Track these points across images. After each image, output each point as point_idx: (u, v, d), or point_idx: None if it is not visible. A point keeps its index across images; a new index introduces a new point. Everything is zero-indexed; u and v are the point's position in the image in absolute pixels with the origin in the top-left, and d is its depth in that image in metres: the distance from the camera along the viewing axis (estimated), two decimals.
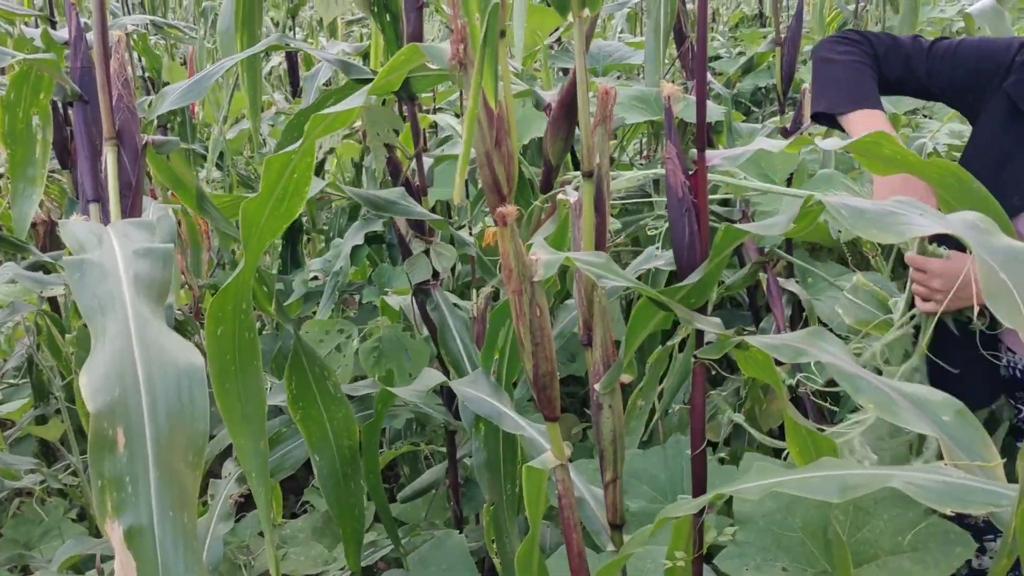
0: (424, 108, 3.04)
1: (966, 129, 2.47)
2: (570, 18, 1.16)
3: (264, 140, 3.78)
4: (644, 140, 3.84)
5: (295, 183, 1.18)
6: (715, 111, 2.78)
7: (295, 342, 1.80)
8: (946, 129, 3.01)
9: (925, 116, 5.11)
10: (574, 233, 1.24)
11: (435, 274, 2.23)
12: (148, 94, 3.86)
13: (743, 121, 3.83)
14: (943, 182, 1.13)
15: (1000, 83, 1.81)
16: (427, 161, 2.54)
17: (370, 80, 2.09)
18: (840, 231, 2.34)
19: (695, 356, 1.28)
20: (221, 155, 3.30)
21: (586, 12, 1.14)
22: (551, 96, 1.91)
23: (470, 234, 2.70)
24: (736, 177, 1.65)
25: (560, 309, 2.09)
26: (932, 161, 1.12)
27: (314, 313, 2.67)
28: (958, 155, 1.96)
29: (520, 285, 1.07)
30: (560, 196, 1.34)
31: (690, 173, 1.20)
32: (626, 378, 1.28)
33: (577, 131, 1.22)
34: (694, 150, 1.19)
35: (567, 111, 1.48)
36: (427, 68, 1.95)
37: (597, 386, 1.26)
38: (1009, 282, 0.85)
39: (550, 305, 1.80)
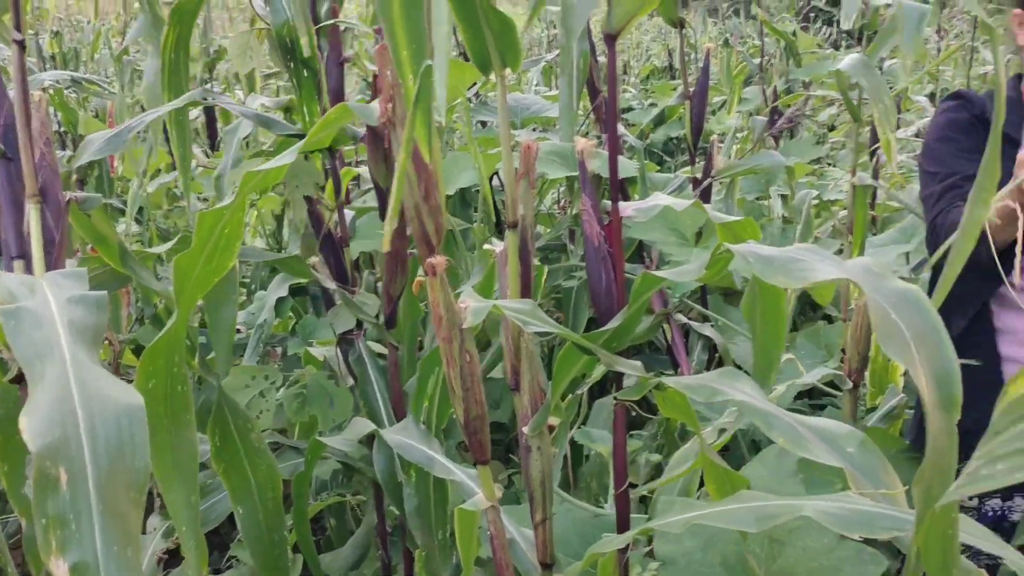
0: (347, 161, 3.07)
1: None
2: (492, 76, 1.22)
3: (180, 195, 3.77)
4: (562, 190, 3.93)
5: (226, 238, 1.20)
6: (628, 165, 2.87)
7: (218, 395, 1.81)
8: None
9: (830, 164, 5.34)
10: (501, 281, 1.29)
11: (358, 324, 2.26)
12: (64, 148, 3.83)
13: (657, 171, 3.96)
14: None
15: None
16: (349, 213, 2.57)
17: (292, 135, 2.13)
18: (745, 279, 2.45)
19: (616, 398, 1.33)
20: (140, 209, 3.28)
21: (507, 71, 1.21)
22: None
23: None
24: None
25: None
26: None
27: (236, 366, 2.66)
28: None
29: (450, 333, 1.12)
30: (486, 246, 1.39)
31: (605, 224, 1.27)
32: (553, 420, 1.32)
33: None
34: (609, 201, 1.26)
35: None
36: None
37: (526, 429, 1.31)
38: (900, 323, 0.92)
39: None
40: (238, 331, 2.90)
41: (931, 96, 6.06)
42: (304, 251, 2.33)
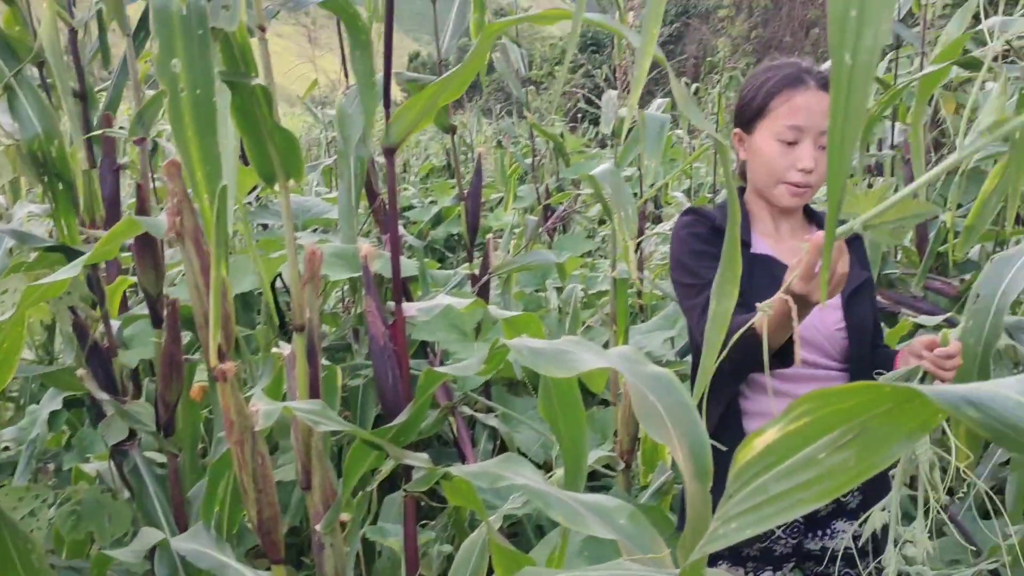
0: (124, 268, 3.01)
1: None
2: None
3: None
4: (346, 289, 3.97)
5: (5, 353, 1.19)
6: (409, 265, 2.96)
7: None
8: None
9: (602, 256, 5.65)
10: (290, 383, 1.34)
11: (132, 434, 2.21)
12: None
13: (438, 268, 4.09)
14: None
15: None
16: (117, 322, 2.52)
17: (52, 249, 2.09)
18: (526, 370, 2.58)
19: (405, 490, 1.39)
20: None
21: (291, 182, 1.28)
22: None
23: None
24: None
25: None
26: None
27: (4, 486, 2.52)
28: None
29: (242, 436, 1.15)
30: (274, 350, 1.43)
31: (389, 324, 1.34)
32: (345, 516, 1.37)
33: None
34: (392, 302, 1.34)
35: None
36: None
37: (318, 526, 1.34)
38: (657, 403, 1.05)
39: None
40: (6, 448, 2.75)
41: (687, 191, 6.55)
42: (77, 361, 2.26)
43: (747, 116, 2.04)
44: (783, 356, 1.96)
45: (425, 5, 3.09)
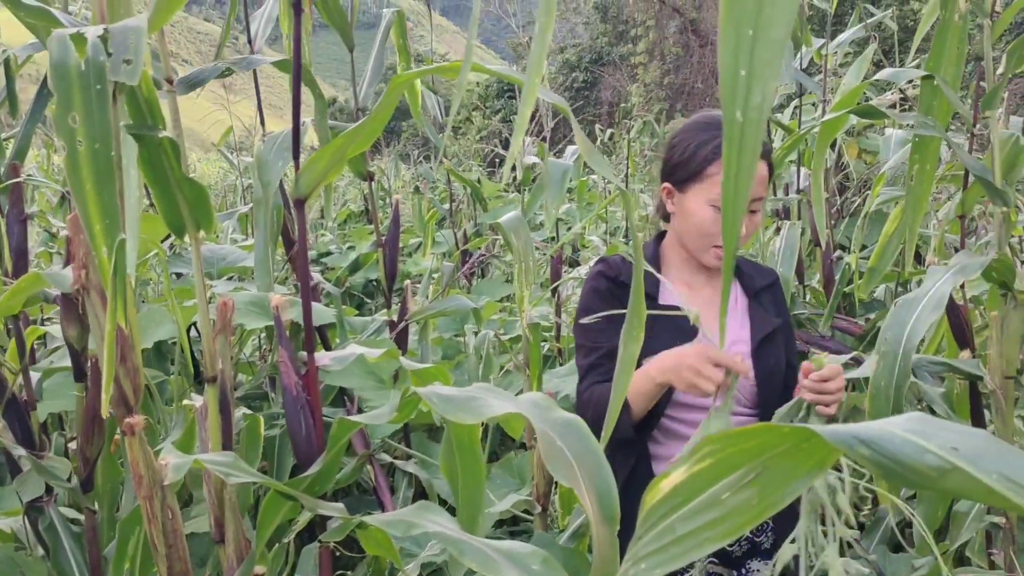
0: (31, 319, 2.94)
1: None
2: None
3: None
4: (263, 337, 3.93)
5: None
6: (324, 313, 2.94)
7: None
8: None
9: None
10: (201, 435, 1.32)
11: (48, 490, 2.15)
12: None
13: (356, 314, 4.07)
14: None
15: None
16: (36, 374, 2.46)
17: None
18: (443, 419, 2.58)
19: (320, 540, 1.38)
20: None
21: (201, 234, 1.27)
22: None
23: None
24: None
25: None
26: None
27: None
28: None
29: (151, 491, 1.13)
30: (185, 401, 1.42)
31: (303, 373, 1.34)
32: (260, 569, 1.35)
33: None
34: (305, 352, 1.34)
35: None
36: None
37: None
38: (565, 448, 1.06)
39: None
40: None
41: (603, 235, 6.64)
42: None
43: (680, 176, 2.06)
44: (650, 423, 2.01)
45: (343, 51, 3.10)
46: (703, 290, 2.14)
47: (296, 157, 1.32)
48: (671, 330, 1.87)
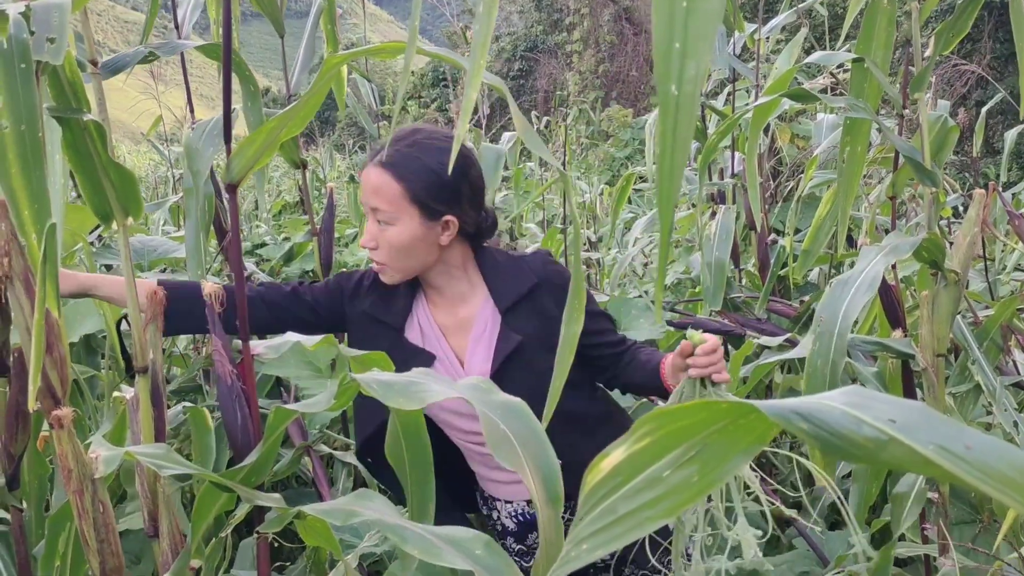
0: None
1: None
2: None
3: None
4: None
5: None
6: None
7: None
8: None
9: None
10: (132, 427, 1.29)
11: None
12: None
13: None
14: None
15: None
16: None
17: None
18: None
19: (257, 532, 1.36)
20: None
21: (129, 220, 1.24)
22: None
23: None
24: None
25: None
26: None
27: None
28: None
29: (81, 484, 1.10)
30: (116, 393, 1.38)
31: (238, 363, 1.32)
32: (195, 563, 1.32)
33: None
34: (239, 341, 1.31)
35: None
36: None
37: (167, 575, 1.30)
38: (508, 431, 1.06)
39: None
40: None
41: (540, 223, 6.65)
42: None
43: None
44: None
45: (274, 39, 3.05)
46: (460, 312, 2.08)
47: (228, 142, 1.29)
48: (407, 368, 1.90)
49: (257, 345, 1.34)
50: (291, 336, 1.37)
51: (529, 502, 2.17)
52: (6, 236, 1.06)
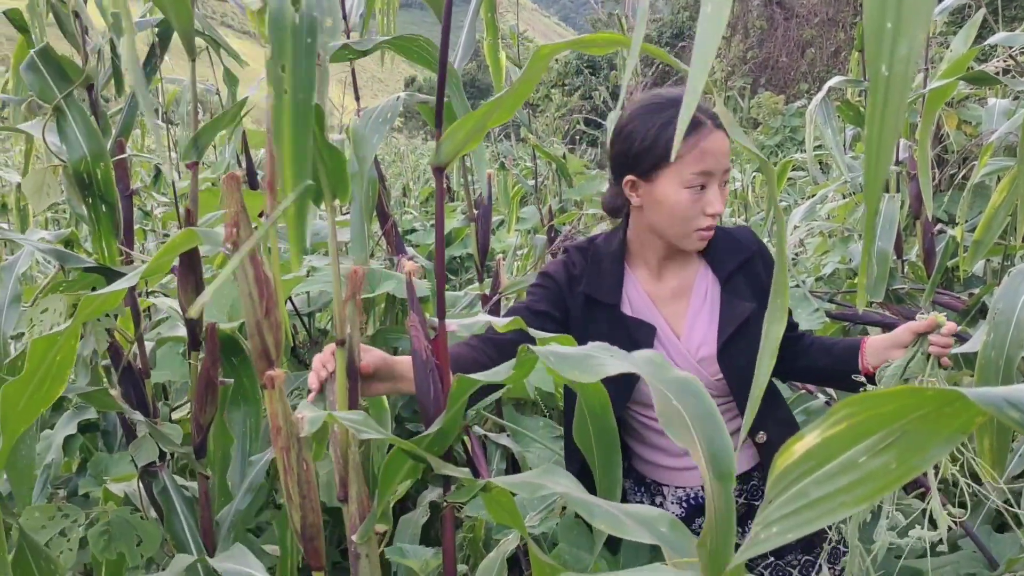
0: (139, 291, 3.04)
1: None
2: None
3: None
4: None
5: (58, 365, 1.22)
6: (422, 286, 3.00)
7: (19, 537, 1.74)
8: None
9: None
10: (329, 397, 1.37)
11: (161, 455, 2.23)
12: None
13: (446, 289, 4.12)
14: None
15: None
16: (149, 343, 2.55)
17: (91, 269, 2.11)
18: (538, 389, 2.64)
19: (446, 500, 1.42)
20: None
21: (336, 202, 1.31)
22: None
23: None
24: None
25: None
26: None
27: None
28: None
29: (288, 442, 1.18)
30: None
31: (432, 338, 1.38)
32: (380, 527, 1.39)
33: None
34: (434, 318, 1.38)
35: None
36: None
37: (354, 537, 1.37)
38: (681, 408, 1.07)
39: None
40: None
41: None
42: (94, 384, 2.27)
43: (645, 165, 1.95)
44: None
45: (420, 30, 3.12)
46: (670, 282, 2.08)
47: (439, 126, 1.36)
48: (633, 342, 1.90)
49: (451, 323, 1.40)
50: (482, 316, 1.43)
51: (702, 487, 2.18)
52: (236, 207, 1.15)
